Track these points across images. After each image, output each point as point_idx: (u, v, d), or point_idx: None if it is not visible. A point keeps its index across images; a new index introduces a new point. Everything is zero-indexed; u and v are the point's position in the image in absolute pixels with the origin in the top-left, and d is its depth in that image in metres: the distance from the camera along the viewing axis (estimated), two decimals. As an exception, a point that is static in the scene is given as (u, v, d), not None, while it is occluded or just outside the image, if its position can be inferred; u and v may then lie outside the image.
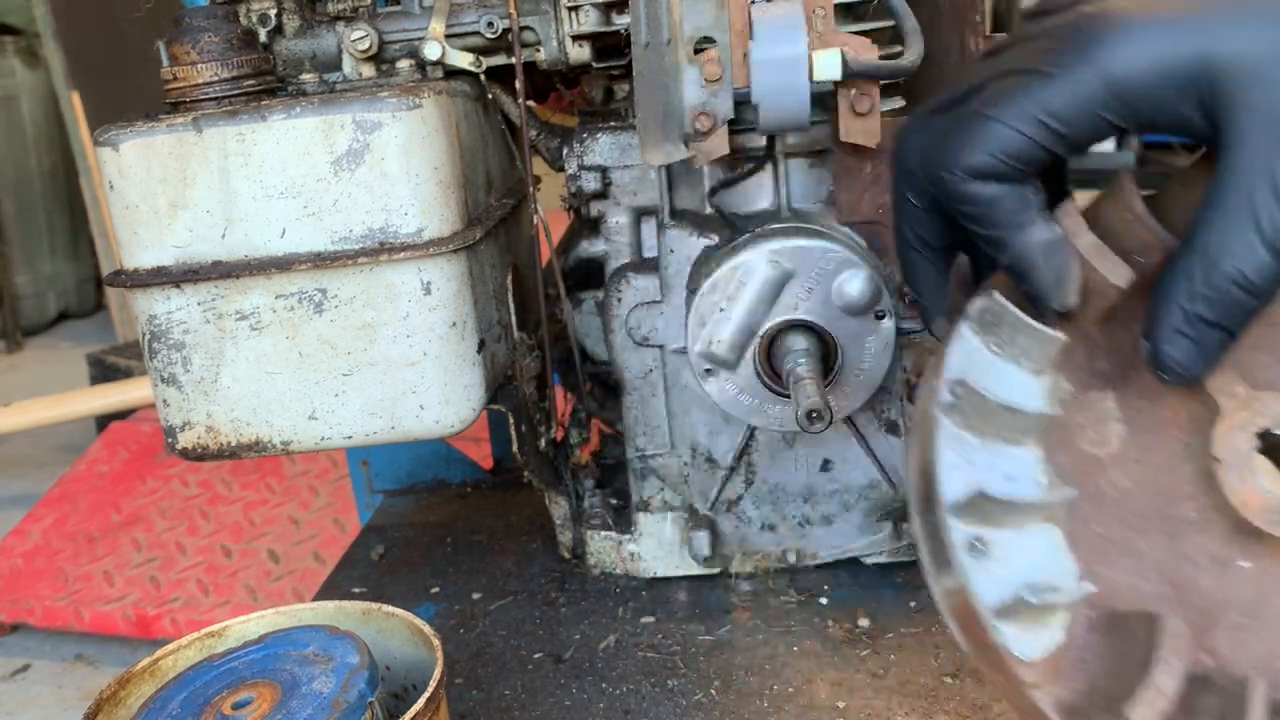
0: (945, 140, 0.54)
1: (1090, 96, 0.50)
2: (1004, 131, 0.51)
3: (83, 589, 2.45)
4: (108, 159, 0.85)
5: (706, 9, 0.82)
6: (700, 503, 1.03)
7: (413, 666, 0.78)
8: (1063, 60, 0.50)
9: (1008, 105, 0.51)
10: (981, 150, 0.52)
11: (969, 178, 0.53)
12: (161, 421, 0.91)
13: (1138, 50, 0.49)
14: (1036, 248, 0.54)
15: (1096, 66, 0.49)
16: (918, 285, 0.63)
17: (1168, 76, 0.49)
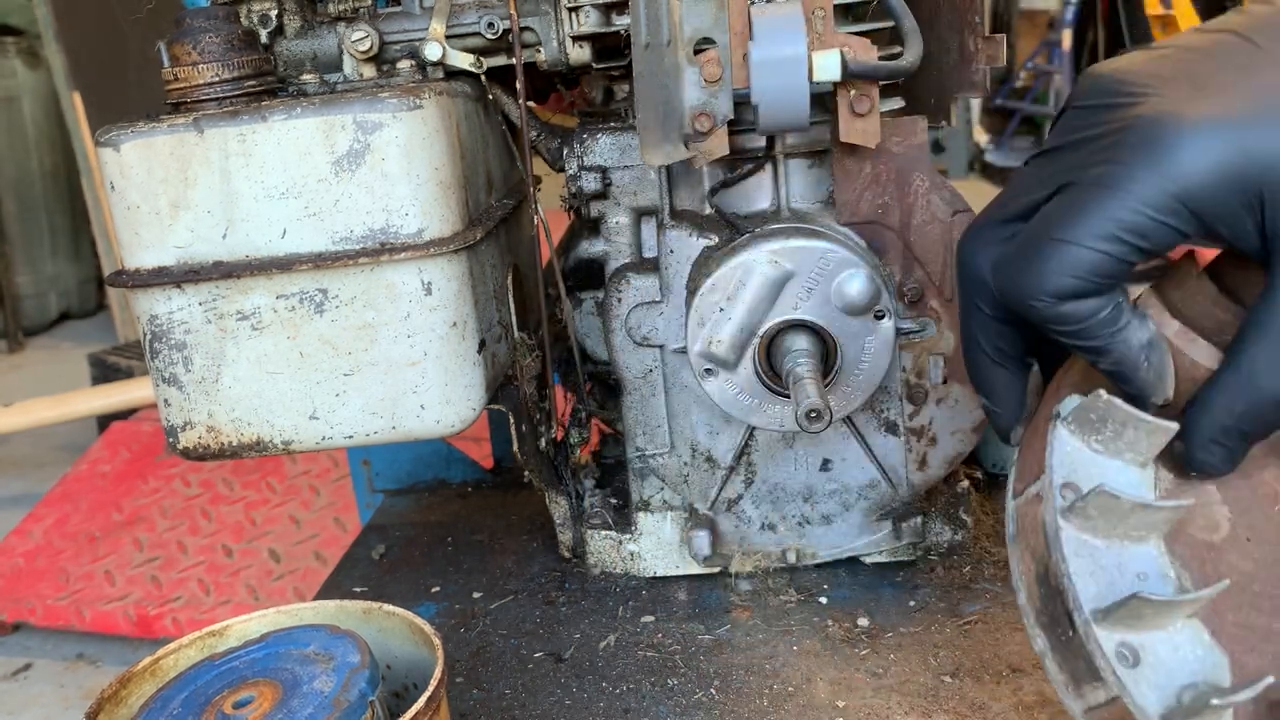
0: (1024, 265, 0.53)
1: (1163, 207, 0.49)
2: (1082, 254, 0.51)
3: (84, 588, 2.46)
4: (109, 159, 0.86)
5: (706, 10, 0.82)
6: (700, 502, 1.03)
7: (413, 665, 0.78)
8: (1131, 172, 0.49)
9: (1083, 225, 0.50)
10: (1065, 274, 0.52)
11: (1058, 301, 0.52)
12: (163, 421, 0.92)
13: (1202, 155, 0.48)
14: (1137, 350, 0.54)
15: (1164, 176, 0.48)
16: (993, 394, 0.62)
17: (1232, 182, 0.48)
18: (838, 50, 0.79)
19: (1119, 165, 0.49)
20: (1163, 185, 0.48)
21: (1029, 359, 0.61)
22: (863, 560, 1.05)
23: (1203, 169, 0.48)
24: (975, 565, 1.03)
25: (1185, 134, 0.48)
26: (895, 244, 0.93)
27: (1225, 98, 0.48)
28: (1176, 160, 0.48)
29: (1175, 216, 0.49)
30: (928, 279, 0.94)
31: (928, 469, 1.01)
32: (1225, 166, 0.47)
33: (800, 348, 0.87)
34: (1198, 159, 0.48)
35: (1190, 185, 0.48)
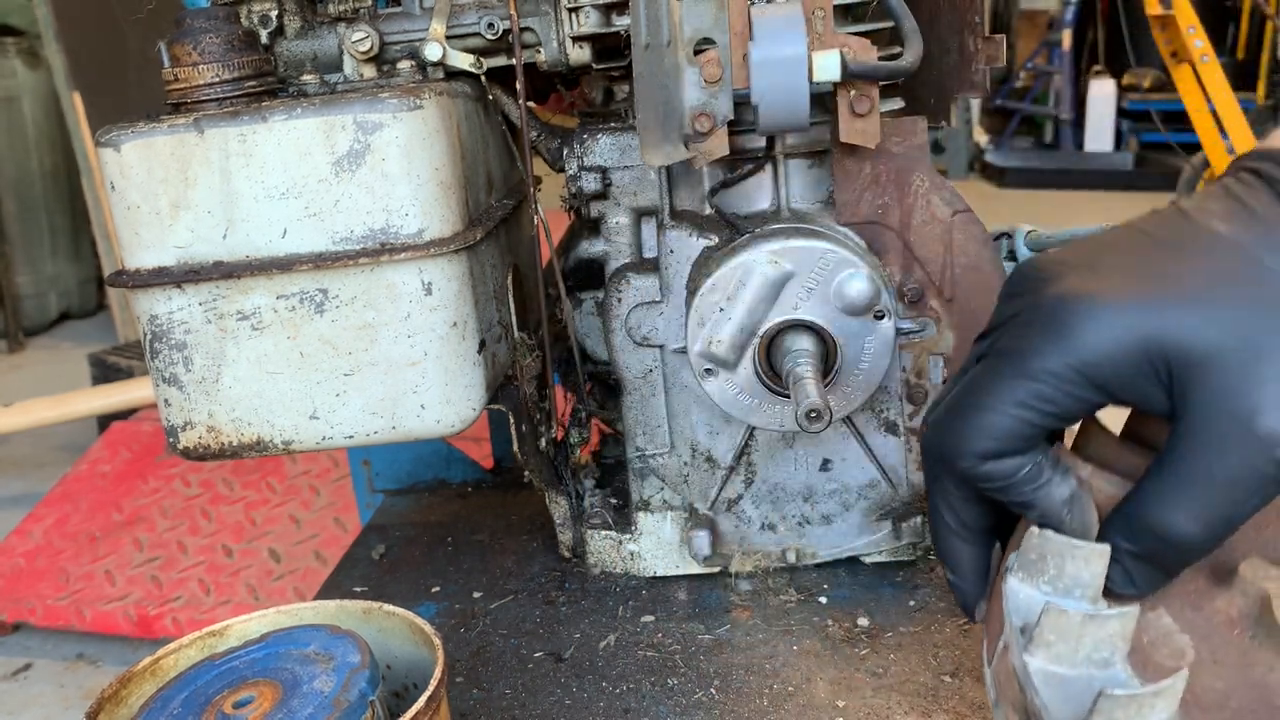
0: (948, 429, 0.59)
1: (1066, 378, 0.54)
2: (997, 419, 0.56)
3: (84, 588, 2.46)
4: (109, 159, 0.86)
5: (706, 10, 0.82)
6: (700, 502, 1.04)
7: (413, 665, 0.78)
8: (1039, 348, 0.55)
9: (996, 393, 0.56)
10: (983, 437, 0.57)
11: (980, 461, 0.57)
12: (163, 421, 0.92)
13: (1105, 335, 0.53)
14: (1059, 504, 0.58)
15: (1066, 351, 0.54)
16: (957, 568, 0.65)
17: (1132, 360, 0.53)
18: (838, 50, 0.79)
19: (1028, 340, 0.55)
20: (1065, 359, 0.54)
21: (992, 535, 0.64)
22: (863, 560, 1.05)
23: (1103, 345, 0.53)
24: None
25: (1083, 312, 0.53)
26: (895, 244, 0.93)
27: (1123, 280, 0.54)
28: (1077, 336, 0.53)
29: (1079, 387, 0.54)
30: (928, 279, 0.94)
31: (928, 469, 1.00)
32: (1124, 343, 0.53)
33: (800, 348, 0.87)
34: (1098, 336, 0.53)
35: (1090, 359, 0.53)
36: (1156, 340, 0.52)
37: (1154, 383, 0.53)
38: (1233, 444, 0.52)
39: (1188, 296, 0.53)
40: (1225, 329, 0.52)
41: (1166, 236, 0.56)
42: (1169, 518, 0.54)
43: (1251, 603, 0.61)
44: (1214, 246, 0.54)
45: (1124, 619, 0.56)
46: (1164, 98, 6.31)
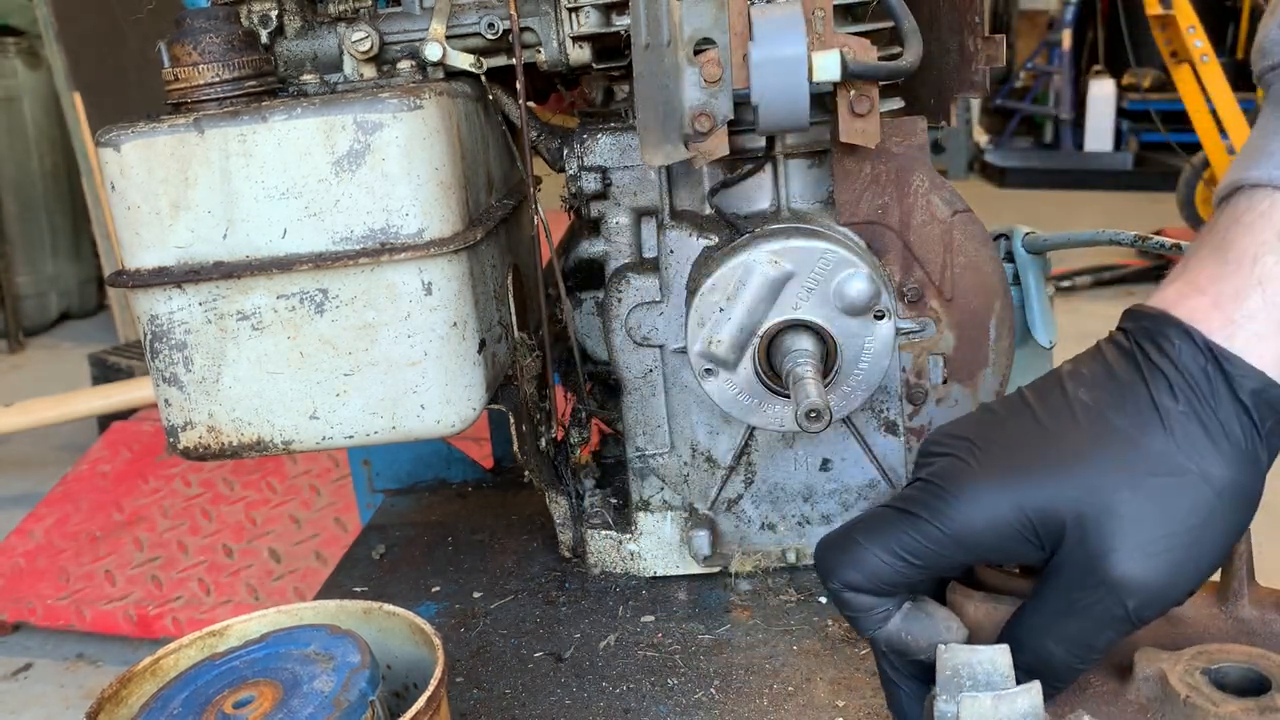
0: (829, 551, 0.67)
1: (939, 543, 0.63)
2: (871, 559, 0.64)
3: (84, 588, 2.46)
4: (109, 159, 0.86)
5: (706, 10, 0.82)
6: (700, 502, 1.04)
7: (414, 665, 0.78)
8: (921, 513, 0.63)
9: (877, 538, 0.65)
10: (853, 570, 0.65)
11: (844, 589, 0.66)
12: (163, 421, 0.92)
13: (979, 511, 0.62)
14: (896, 629, 0.66)
15: (944, 522, 0.63)
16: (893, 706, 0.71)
17: (1007, 528, 0.62)
18: (838, 50, 0.79)
19: (917, 504, 0.64)
20: (940, 526, 0.63)
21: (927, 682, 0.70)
22: (863, 560, 1.05)
23: (977, 520, 0.62)
24: None
25: (962, 493, 0.63)
26: (895, 244, 0.93)
27: (1000, 458, 0.63)
28: (954, 511, 0.63)
29: (950, 550, 0.63)
30: (928, 279, 0.94)
31: (927, 469, 1.00)
32: (998, 515, 0.62)
33: (800, 348, 0.87)
34: (972, 512, 0.62)
35: (963, 531, 0.62)
36: (1025, 510, 0.61)
37: (1027, 543, 0.62)
38: (1090, 586, 0.61)
39: (1052, 469, 0.62)
40: (1081, 493, 0.61)
41: (1043, 410, 0.64)
42: (1041, 643, 0.64)
43: (1154, 685, 0.70)
44: (1077, 415, 0.63)
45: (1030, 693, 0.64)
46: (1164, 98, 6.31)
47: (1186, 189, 4.68)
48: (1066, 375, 0.65)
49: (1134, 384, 0.62)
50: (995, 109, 8.11)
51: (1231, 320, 0.61)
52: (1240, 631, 0.78)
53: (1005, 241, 1.14)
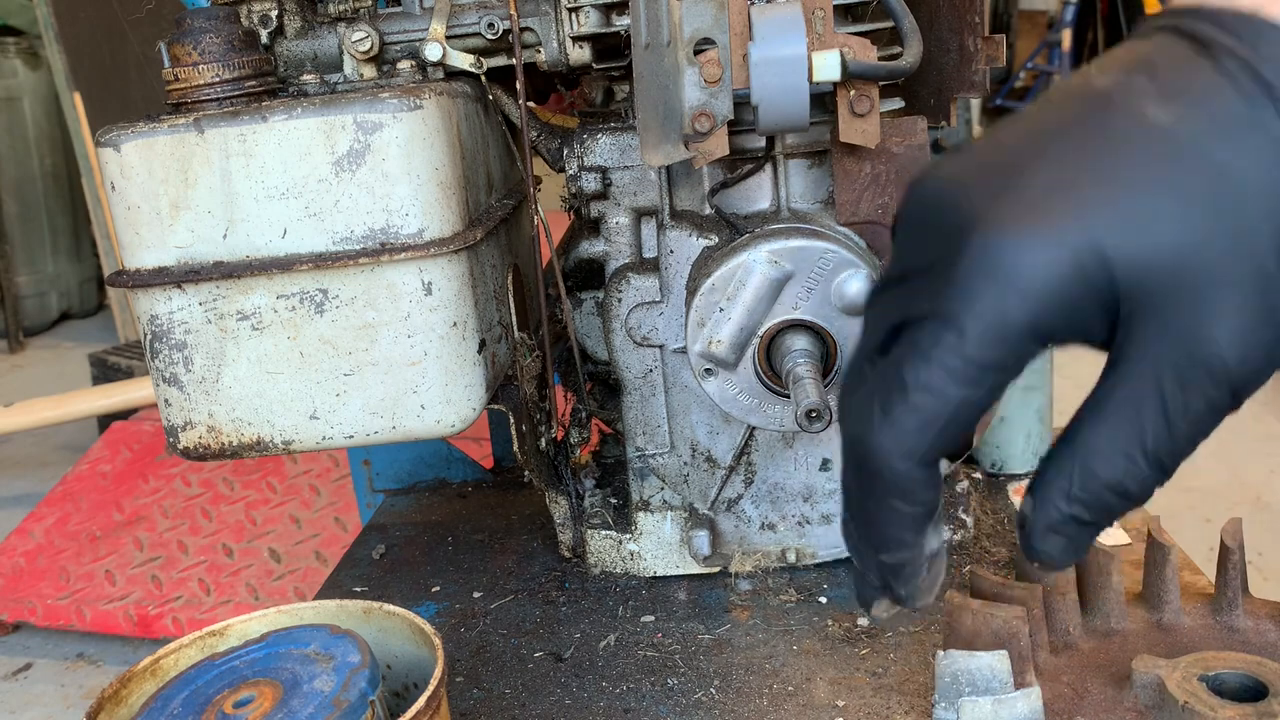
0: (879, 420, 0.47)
1: (1016, 339, 0.45)
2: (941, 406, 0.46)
3: (85, 588, 2.46)
4: (109, 160, 0.86)
5: (706, 10, 0.82)
6: (700, 502, 1.04)
7: (414, 665, 0.78)
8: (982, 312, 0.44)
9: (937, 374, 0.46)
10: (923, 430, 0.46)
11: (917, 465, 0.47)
12: (163, 421, 0.92)
13: (1050, 273, 0.44)
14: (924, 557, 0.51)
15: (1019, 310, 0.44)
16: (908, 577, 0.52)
17: (1075, 289, 0.44)
18: (838, 50, 0.79)
19: (964, 302, 0.45)
20: (1015, 317, 0.44)
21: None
22: (863, 560, 1.05)
23: (1050, 286, 0.44)
24: (975, 565, 1.03)
25: (1024, 254, 0.44)
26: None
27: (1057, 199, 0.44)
28: (1025, 288, 0.44)
29: (1027, 342, 0.45)
30: (927, 279, 0.94)
31: (927, 469, 1.01)
32: (1066, 273, 0.44)
33: (800, 348, 0.87)
34: (1046, 278, 0.44)
35: (1042, 311, 0.44)
36: (1100, 262, 0.44)
37: (1096, 309, 0.45)
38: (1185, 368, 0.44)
39: (1136, 212, 0.44)
40: (1177, 249, 0.43)
41: (1094, 137, 0.45)
42: (1117, 461, 0.46)
43: (1152, 691, 0.70)
44: (1155, 145, 0.44)
45: (1029, 697, 0.63)
46: (1164, 98, 6.29)
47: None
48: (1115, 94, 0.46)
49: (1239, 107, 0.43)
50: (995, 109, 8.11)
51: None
52: (1235, 641, 0.79)
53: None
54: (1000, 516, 1.13)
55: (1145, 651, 0.76)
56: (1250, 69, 0.43)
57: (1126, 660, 0.75)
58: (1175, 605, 0.84)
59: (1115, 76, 0.47)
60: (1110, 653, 0.80)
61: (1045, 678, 0.77)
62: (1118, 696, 0.74)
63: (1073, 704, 0.74)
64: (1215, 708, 0.68)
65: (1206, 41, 0.45)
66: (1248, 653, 0.75)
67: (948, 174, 0.48)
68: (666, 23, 0.83)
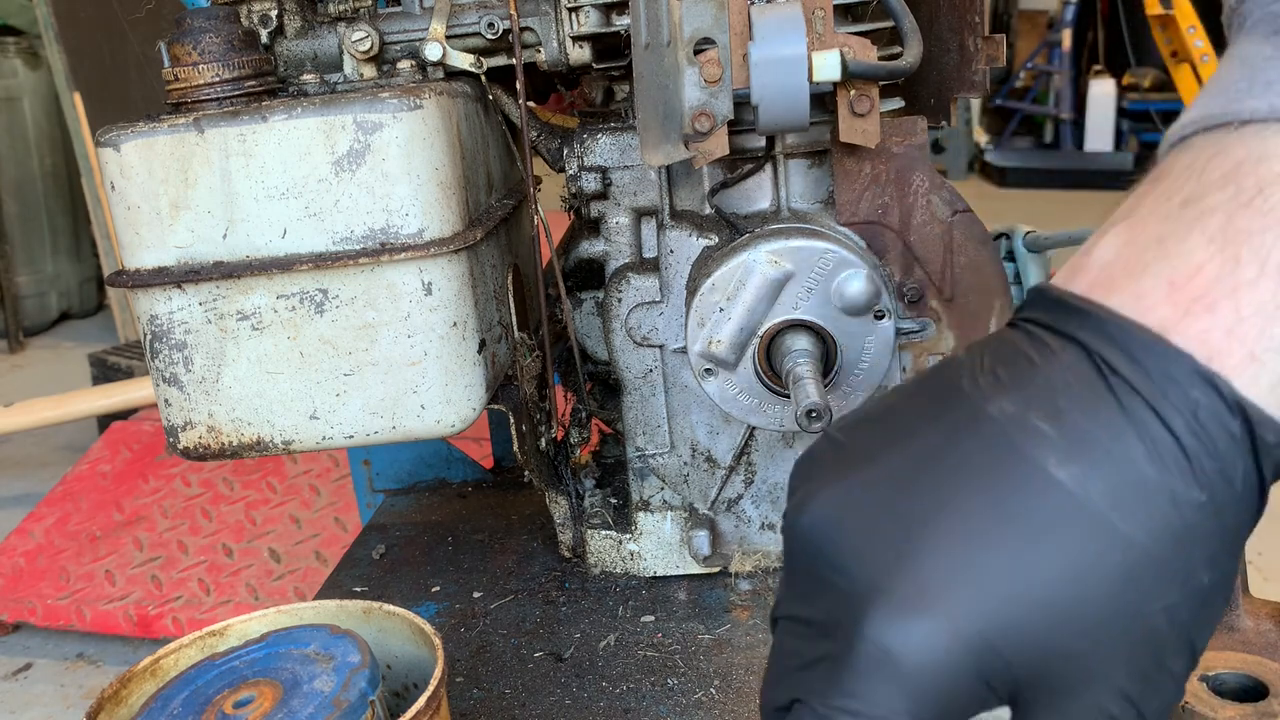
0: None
1: None
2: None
3: (84, 588, 2.46)
4: (109, 159, 0.86)
5: (706, 10, 0.82)
6: (700, 502, 1.04)
7: (414, 665, 0.78)
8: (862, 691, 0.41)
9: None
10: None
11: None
12: (163, 421, 0.92)
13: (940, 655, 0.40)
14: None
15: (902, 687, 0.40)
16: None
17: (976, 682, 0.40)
18: (838, 50, 0.79)
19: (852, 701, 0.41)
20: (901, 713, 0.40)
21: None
22: (863, 560, 1.05)
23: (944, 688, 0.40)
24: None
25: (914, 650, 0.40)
26: (895, 244, 0.93)
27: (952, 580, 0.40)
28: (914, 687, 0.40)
29: None
30: (928, 279, 0.94)
31: (928, 469, 1.01)
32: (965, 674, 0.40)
33: (800, 348, 0.87)
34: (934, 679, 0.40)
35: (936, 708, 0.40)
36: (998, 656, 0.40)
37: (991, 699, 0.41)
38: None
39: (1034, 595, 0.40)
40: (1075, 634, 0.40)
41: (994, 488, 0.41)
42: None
43: None
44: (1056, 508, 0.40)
45: None
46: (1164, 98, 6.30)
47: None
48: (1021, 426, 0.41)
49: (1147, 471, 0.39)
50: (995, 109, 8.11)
51: (1255, 358, 0.39)
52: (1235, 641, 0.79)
53: (1006, 241, 1.14)
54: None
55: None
56: (1160, 421, 0.39)
57: None
58: None
59: (1015, 405, 0.41)
60: None
61: None
62: None
63: None
64: (1215, 708, 0.68)
65: (1113, 371, 0.40)
66: (1248, 653, 0.75)
67: (834, 515, 0.43)
68: (666, 23, 0.83)
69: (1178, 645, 0.41)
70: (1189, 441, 0.39)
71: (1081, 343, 0.41)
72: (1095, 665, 0.40)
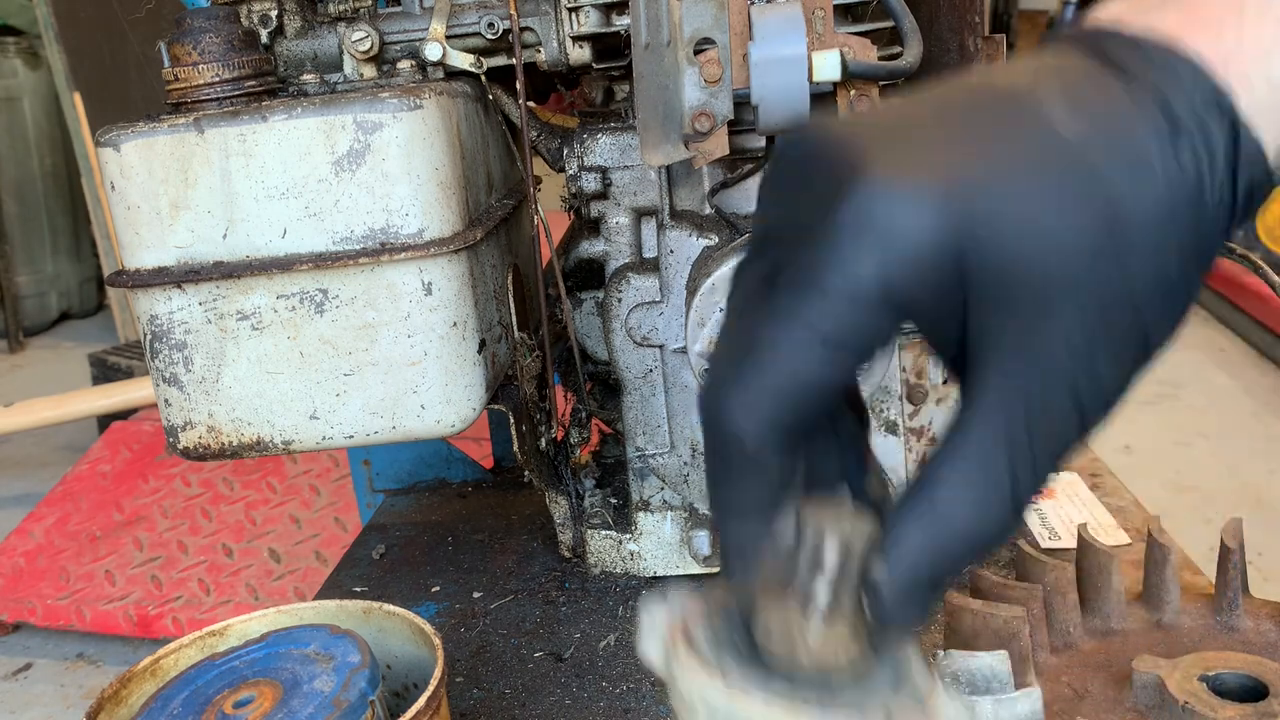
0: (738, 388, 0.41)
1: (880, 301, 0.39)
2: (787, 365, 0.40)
3: (84, 588, 2.46)
4: (109, 159, 0.86)
5: (706, 10, 0.82)
6: (700, 502, 1.04)
7: (413, 665, 0.78)
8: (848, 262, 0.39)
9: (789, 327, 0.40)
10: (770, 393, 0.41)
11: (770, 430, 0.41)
12: (163, 421, 0.92)
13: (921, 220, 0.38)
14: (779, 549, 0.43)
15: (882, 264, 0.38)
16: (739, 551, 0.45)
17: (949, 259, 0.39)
18: (838, 50, 0.79)
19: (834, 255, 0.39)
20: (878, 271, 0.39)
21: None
22: (863, 560, 1.05)
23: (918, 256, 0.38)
24: (974, 565, 1.03)
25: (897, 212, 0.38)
26: (895, 244, 0.93)
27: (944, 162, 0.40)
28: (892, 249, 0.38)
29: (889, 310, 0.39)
30: (927, 279, 0.94)
31: (928, 469, 1.01)
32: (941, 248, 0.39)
33: (800, 348, 0.87)
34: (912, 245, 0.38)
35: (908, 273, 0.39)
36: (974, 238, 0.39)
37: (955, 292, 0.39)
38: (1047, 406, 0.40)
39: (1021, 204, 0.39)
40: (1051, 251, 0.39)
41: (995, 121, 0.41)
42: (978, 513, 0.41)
43: (1152, 692, 0.70)
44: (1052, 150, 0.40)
45: (1029, 697, 0.62)
46: (1164, 98, 6.30)
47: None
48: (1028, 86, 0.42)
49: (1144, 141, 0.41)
50: (995, 109, 8.10)
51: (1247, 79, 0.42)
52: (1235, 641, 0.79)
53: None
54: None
55: (1145, 651, 0.76)
56: (1162, 101, 0.41)
57: (1126, 660, 0.75)
58: (1175, 605, 0.84)
59: (1025, 78, 0.43)
60: (1110, 653, 0.80)
61: (1045, 678, 0.77)
62: (1118, 696, 0.74)
63: (1073, 704, 0.74)
64: (1215, 708, 0.68)
65: (1121, 65, 0.42)
66: (1248, 653, 0.75)
67: (832, 127, 0.43)
68: (666, 23, 0.83)
69: (1134, 324, 0.41)
70: (1186, 125, 0.41)
71: (1096, 47, 0.43)
72: (1057, 299, 0.39)
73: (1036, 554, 0.87)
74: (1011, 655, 0.71)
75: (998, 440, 0.40)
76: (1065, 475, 1.22)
